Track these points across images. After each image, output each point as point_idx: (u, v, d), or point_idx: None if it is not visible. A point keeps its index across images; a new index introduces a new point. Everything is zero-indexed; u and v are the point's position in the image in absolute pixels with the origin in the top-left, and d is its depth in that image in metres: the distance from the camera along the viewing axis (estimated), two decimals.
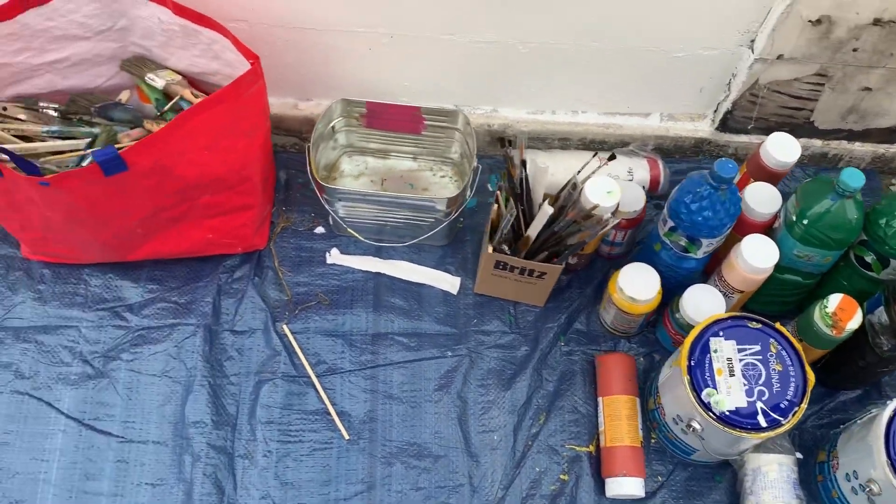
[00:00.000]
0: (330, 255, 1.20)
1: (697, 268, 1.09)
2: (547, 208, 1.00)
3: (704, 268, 1.12)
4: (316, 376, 1.10)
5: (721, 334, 0.95)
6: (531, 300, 1.16)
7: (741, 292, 1.04)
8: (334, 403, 1.09)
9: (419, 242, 1.18)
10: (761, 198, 1.05)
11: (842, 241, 1.00)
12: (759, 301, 1.10)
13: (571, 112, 1.26)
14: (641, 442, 1.05)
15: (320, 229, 1.22)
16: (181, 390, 1.08)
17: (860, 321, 0.97)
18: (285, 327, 1.13)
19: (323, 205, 1.15)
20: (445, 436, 1.08)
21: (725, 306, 1.04)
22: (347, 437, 1.06)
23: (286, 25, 1.09)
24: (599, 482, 1.05)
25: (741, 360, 0.93)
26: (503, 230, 1.03)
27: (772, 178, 1.09)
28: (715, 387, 0.92)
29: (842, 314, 0.97)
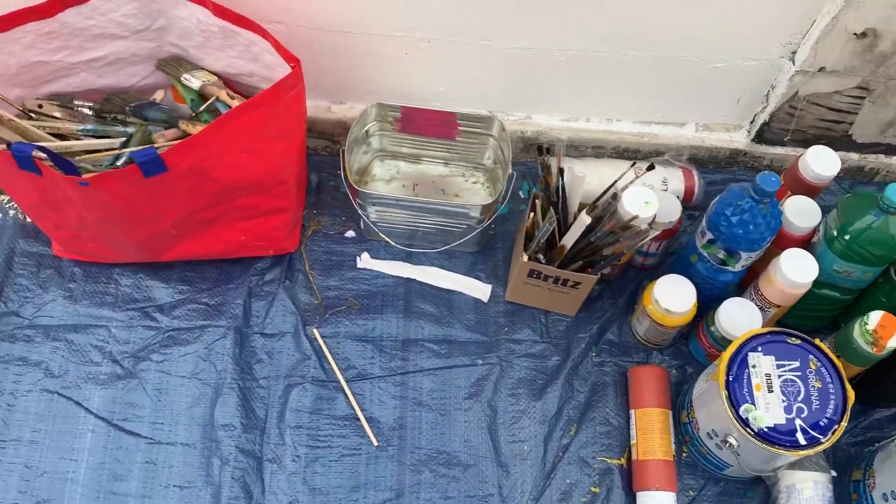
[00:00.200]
0: (360, 260, 1.19)
1: (734, 281, 1.08)
2: (585, 218, 0.99)
3: (740, 281, 1.11)
4: (345, 381, 1.09)
5: (759, 349, 0.94)
6: (563, 310, 1.15)
7: (778, 307, 1.03)
8: (363, 409, 1.08)
9: (450, 248, 1.18)
10: (801, 211, 1.04)
11: (883, 258, 0.99)
12: (794, 315, 1.09)
13: (606, 120, 1.25)
14: (674, 456, 1.04)
15: (351, 233, 1.22)
16: (210, 392, 1.08)
17: None
18: (315, 331, 1.13)
19: (354, 208, 1.14)
20: (475, 444, 1.07)
21: (762, 321, 1.03)
22: (376, 444, 1.06)
23: (324, 28, 1.08)
24: (631, 495, 1.04)
25: (780, 377, 0.92)
26: (539, 239, 1.02)
27: (810, 192, 1.08)
28: (753, 403, 0.91)
29: (882, 332, 0.96)
